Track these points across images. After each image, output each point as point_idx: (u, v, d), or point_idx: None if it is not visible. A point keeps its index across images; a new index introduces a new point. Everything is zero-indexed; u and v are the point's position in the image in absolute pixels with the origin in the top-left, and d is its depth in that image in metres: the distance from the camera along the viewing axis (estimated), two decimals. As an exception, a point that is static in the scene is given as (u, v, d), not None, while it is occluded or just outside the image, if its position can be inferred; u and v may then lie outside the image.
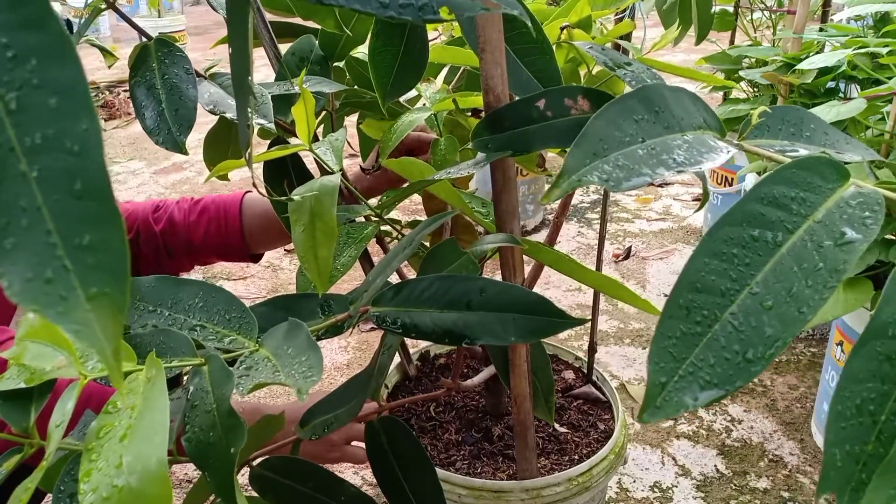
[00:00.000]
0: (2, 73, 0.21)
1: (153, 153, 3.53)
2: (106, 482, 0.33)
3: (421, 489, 0.65)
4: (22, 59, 0.21)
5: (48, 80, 0.21)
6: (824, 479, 0.27)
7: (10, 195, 0.21)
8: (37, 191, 0.21)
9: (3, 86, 0.21)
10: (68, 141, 0.22)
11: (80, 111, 0.22)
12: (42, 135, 0.21)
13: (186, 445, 0.44)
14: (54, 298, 0.21)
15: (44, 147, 0.21)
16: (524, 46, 0.63)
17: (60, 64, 0.22)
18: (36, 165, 0.21)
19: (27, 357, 0.41)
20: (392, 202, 0.78)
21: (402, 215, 2.59)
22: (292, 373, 0.45)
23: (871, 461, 0.27)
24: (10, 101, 0.21)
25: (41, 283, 0.21)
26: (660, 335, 0.30)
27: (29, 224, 0.21)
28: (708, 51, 2.07)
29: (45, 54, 0.22)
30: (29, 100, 0.21)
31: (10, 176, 0.21)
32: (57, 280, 0.21)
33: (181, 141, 0.64)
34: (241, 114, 0.44)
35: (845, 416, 0.27)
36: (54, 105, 0.21)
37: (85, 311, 0.21)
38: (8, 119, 0.21)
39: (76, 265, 0.21)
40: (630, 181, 0.35)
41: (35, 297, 0.21)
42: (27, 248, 0.21)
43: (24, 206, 0.21)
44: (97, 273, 0.22)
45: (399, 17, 0.35)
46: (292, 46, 0.85)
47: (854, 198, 0.34)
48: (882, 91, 1.24)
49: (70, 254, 0.21)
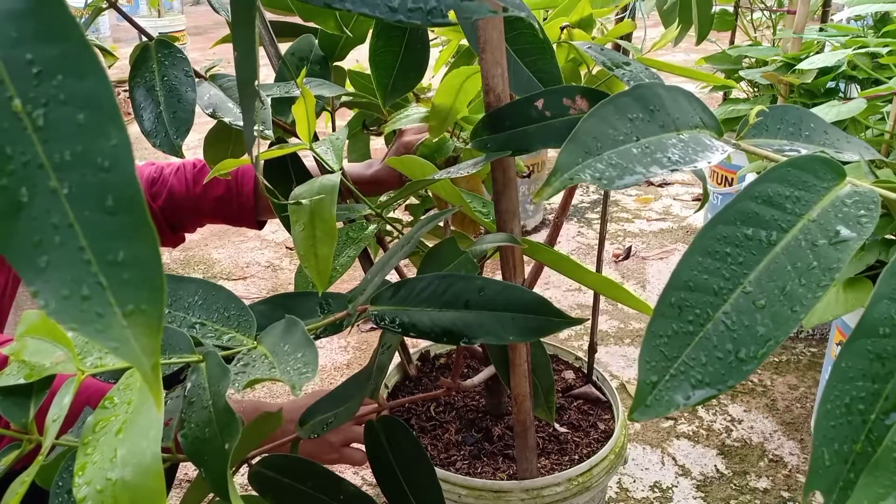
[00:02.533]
0: (28, 90, 0.21)
1: (153, 153, 3.53)
2: (100, 475, 0.33)
3: (421, 489, 0.65)
4: (47, 74, 0.21)
5: (75, 95, 0.21)
6: (812, 478, 0.27)
7: (41, 212, 0.21)
8: (68, 208, 0.21)
9: (29, 102, 0.21)
10: (98, 156, 0.21)
11: (109, 126, 0.21)
12: (71, 151, 0.21)
13: (182, 441, 0.44)
14: (91, 316, 0.21)
15: (73, 163, 0.21)
16: (525, 46, 0.63)
17: (86, 77, 0.21)
18: (66, 182, 0.21)
19: (26, 353, 0.41)
20: (393, 201, 0.79)
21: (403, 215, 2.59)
22: (287, 369, 0.45)
23: (859, 460, 0.27)
24: (37, 118, 0.21)
25: (78, 301, 0.21)
26: (651, 334, 0.30)
27: (62, 241, 0.21)
28: (708, 51, 2.07)
29: (70, 68, 0.21)
30: (56, 115, 0.21)
31: (40, 193, 0.21)
32: (93, 297, 0.21)
33: (178, 144, 0.64)
34: (247, 117, 0.44)
35: (834, 415, 0.27)
36: (82, 121, 0.21)
37: (122, 327, 0.21)
38: (36, 136, 0.21)
39: (111, 282, 0.21)
40: (623, 179, 0.35)
41: (73, 316, 0.21)
42: (61, 265, 0.21)
43: (55, 224, 0.21)
44: (132, 289, 0.22)
45: (408, 21, 0.35)
46: (292, 46, 0.85)
47: (850, 196, 0.34)
48: (882, 91, 1.24)
49: (104, 270, 0.21)
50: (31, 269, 0.21)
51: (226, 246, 2.47)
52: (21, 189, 0.21)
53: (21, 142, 0.21)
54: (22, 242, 0.21)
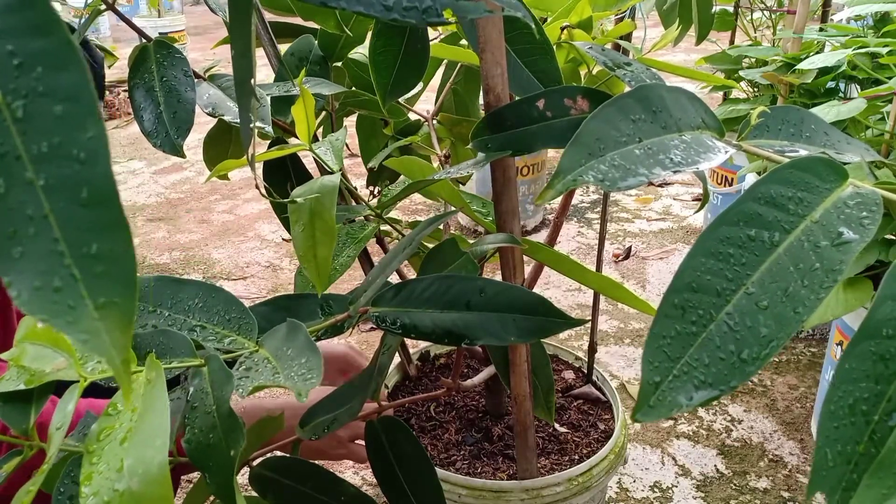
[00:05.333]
0: (8, 81, 0.21)
1: (153, 153, 3.53)
2: (107, 486, 0.33)
3: (421, 489, 0.65)
4: (28, 66, 0.21)
5: (54, 88, 0.21)
6: (815, 479, 0.27)
7: (16, 203, 0.21)
8: (44, 199, 0.21)
9: (9, 94, 0.21)
10: (75, 149, 0.21)
11: (86, 119, 0.22)
12: (48, 143, 0.21)
13: (186, 447, 0.44)
14: (63, 308, 0.21)
15: (50, 155, 0.21)
16: (525, 46, 0.63)
17: (66, 71, 0.21)
18: (43, 174, 0.21)
19: (27, 359, 0.41)
20: (392, 202, 0.78)
21: (403, 215, 2.59)
22: (291, 374, 0.45)
23: (862, 461, 0.27)
24: (16, 110, 0.21)
25: (49, 293, 0.21)
26: (654, 334, 0.30)
27: (36, 232, 0.21)
28: (708, 51, 2.07)
29: (51, 61, 0.21)
30: (35, 108, 0.21)
31: (16, 184, 0.21)
32: (65, 289, 0.21)
33: (178, 144, 0.64)
34: (244, 116, 0.44)
35: (838, 416, 0.27)
36: (60, 113, 0.21)
37: (93, 320, 0.21)
38: (14, 127, 0.21)
39: (84, 274, 0.21)
40: (626, 181, 0.35)
41: (43, 307, 0.21)
42: (34, 256, 0.21)
43: (30, 215, 0.21)
44: (105, 282, 0.22)
45: (403, 20, 0.35)
46: (292, 46, 0.85)
47: (852, 198, 0.34)
48: (882, 91, 1.24)
49: (78, 262, 0.21)
50: (6, 260, 0.21)
51: (226, 246, 2.47)
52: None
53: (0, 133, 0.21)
54: None
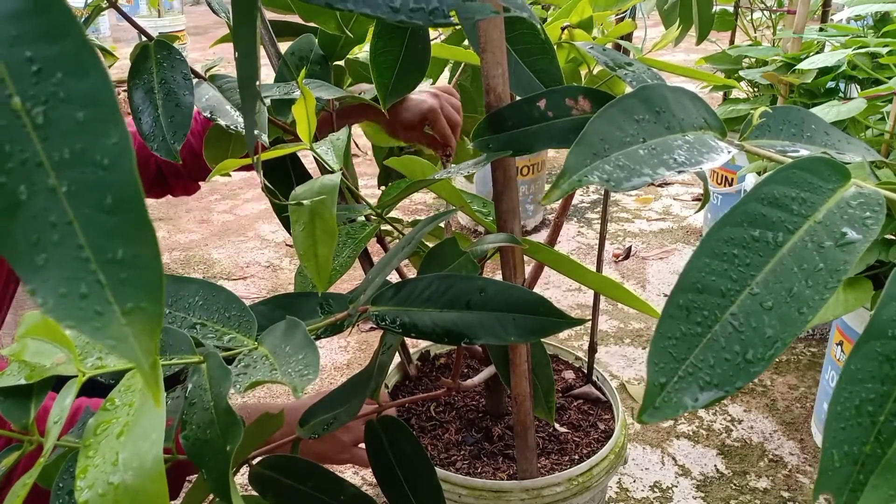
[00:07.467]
0: (27, 88, 0.21)
1: (153, 152, 3.53)
2: (102, 479, 0.33)
3: (421, 489, 0.65)
4: (47, 72, 0.21)
5: (75, 93, 0.21)
6: (821, 480, 0.27)
7: (39, 210, 0.21)
8: (67, 206, 0.21)
9: (28, 100, 0.21)
10: (97, 154, 0.21)
11: (109, 124, 0.21)
12: (70, 149, 0.21)
13: (184, 443, 0.44)
14: (89, 314, 0.21)
15: (73, 161, 0.21)
16: (526, 46, 0.63)
17: (86, 75, 0.21)
18: (65, 180, 0.21)
19: (27, 354, 0.41)
20: (392, 201, 0.78)
21: (403, 215, 2.59)
22: (289, 371, 0.45)
23: (869, 462, 0.27)
24: (36, 116, 0.21)
25: (76, 299, 0.21)
26: (659, 335, 0.30)
27: (60, 239, 0.21)
28: (708, 51, 2.07)
29: (70, 66, 0.21)
30: (56, 114, 0.21)
31: (39, 191, 0.21)
32: (92, 295, 0.21)
33: (175, 149, 0.63)
34: (248, 118, 0.44)
35: (844, 417, 0.27)
36: (82, 118, 0.21)
37: (121, 325, 0.21)
38: (35, 134, 0.21)
39: (110, 280, 0.21)
40: (631, 181, 0.35)
41: (70, 313, 0.21)
42: (59, 263, 0.21)
43: (54, 222, 0.21)
44: (131, 287, 0.21)
45: (409, 21, 0.35)
46: (292, 46, 0.85)
47: (855, 198, 0.34)
48: (882, 91, 1.24)
49: (103, 268, 0.21)
50: (29, 267, 0.21)
51: (226, 246, 2.47)
52: (20, 187, 0.21)
53: (20, 140, 0.21)
54: (20, 240, 0.21)
